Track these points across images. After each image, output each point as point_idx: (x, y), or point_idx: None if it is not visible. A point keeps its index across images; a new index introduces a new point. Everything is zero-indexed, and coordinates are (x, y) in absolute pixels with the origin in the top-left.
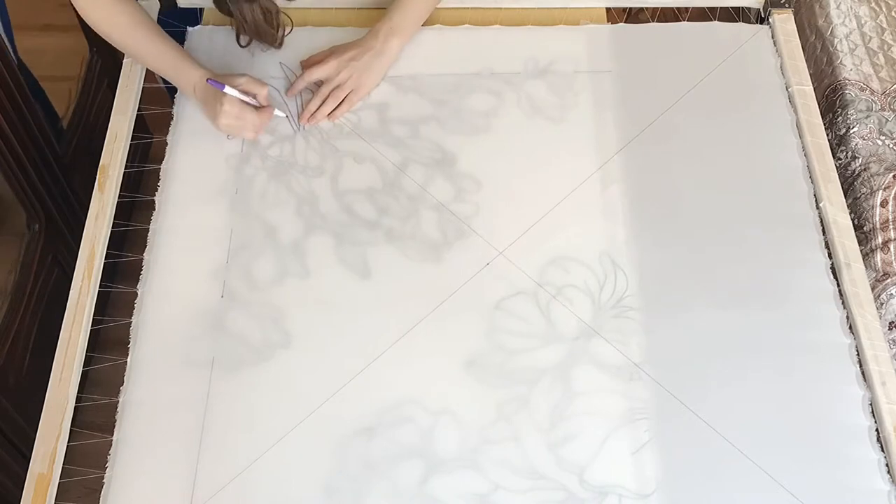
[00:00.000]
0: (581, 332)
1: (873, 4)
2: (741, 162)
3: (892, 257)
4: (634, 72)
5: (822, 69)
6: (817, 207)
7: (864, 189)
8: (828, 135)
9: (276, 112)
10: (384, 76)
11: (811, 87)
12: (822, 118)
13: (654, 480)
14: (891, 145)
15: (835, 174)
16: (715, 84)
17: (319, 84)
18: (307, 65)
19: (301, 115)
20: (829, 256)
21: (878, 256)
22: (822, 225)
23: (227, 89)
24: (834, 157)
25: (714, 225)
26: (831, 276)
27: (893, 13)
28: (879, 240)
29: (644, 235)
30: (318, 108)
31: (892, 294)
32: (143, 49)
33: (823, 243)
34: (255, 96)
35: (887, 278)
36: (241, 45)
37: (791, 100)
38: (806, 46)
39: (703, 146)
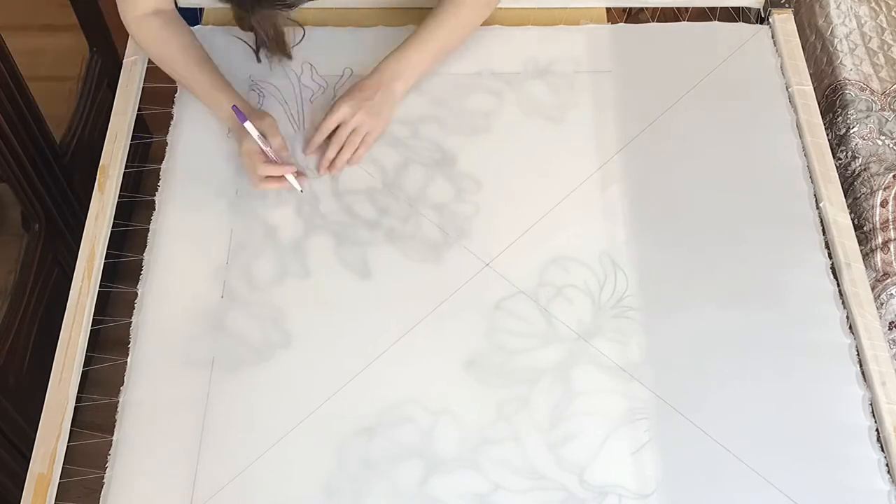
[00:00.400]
0: (581, 332)
1: (873, 4)
2: (741, 162)
3: (892, 257)
4: (634, 72)
5: (822, 69)
6: (817, 207)
7: (864, 189)
8: (828, 135)
9: (290, 180)
10: (395, 114)
11: (811, 87)
12: (822, 118)
13: (654, 480)
14: (891, 145)
15: (835, 174)
16: (715, 84)
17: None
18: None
19: (320, 165)
20: (829, 256)
21: (878, 256)
22: (822, 225)
23: (248, 125)
24: (834, 157)
25: (714, 225)
26: (831, 276)
27: (893, 13)
28: (879, 240)
29: (644, 235)
30: (336, 155)
31: (892, 294)
32: (187, 77)
33: (823, 243)
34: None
35: (887, 278)
36: (259, 60)
37: (791, 100)
38: (806, 46)
39: (702, 146)
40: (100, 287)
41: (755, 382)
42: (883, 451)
